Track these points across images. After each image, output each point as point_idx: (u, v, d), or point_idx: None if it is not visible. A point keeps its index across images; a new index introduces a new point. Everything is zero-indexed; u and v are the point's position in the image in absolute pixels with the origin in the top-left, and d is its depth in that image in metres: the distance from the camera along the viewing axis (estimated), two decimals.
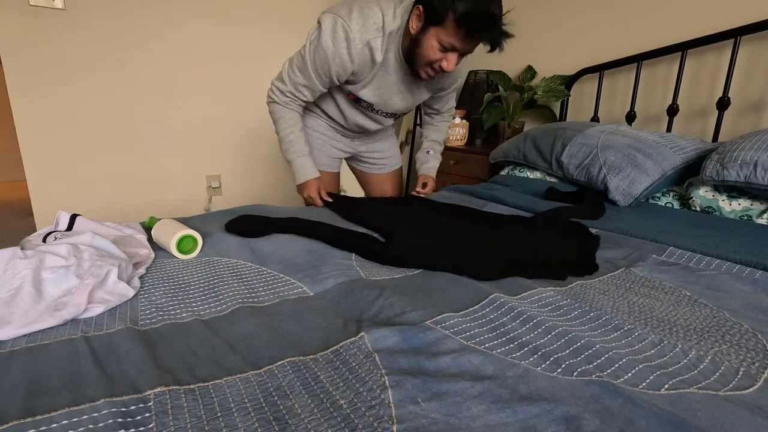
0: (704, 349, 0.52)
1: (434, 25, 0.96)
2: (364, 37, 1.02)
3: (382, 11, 1.02)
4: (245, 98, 2.33)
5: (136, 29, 1.95)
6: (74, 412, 0.38)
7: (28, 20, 1.72)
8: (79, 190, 1.97)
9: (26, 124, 1.80)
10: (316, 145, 1.36)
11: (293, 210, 1.17)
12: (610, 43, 1.81)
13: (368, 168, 1.53)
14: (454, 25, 0.93)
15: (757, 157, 1.07)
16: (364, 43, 1.03)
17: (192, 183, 2.29)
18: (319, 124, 1.35)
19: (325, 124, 1.35)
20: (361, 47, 1.03)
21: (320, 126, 1.35)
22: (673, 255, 0.87)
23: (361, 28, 1.01)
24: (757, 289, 0.71)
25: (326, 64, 1.06)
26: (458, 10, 0.91)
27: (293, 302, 0.63)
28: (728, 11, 1.46)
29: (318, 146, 1.36)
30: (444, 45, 0.97)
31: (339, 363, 0.47)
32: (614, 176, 1.31)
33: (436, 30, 0.96)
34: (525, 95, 1.99)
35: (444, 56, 1.00)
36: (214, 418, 0.39)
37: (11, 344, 0.49)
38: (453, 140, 2.23)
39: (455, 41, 0.96)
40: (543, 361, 0.48)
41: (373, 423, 0.38)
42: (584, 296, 0.68)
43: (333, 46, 1.03)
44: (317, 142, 1.36)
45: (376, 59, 1.06)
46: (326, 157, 1.39)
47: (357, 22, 1.01)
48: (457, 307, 0.61)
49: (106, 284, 0.60)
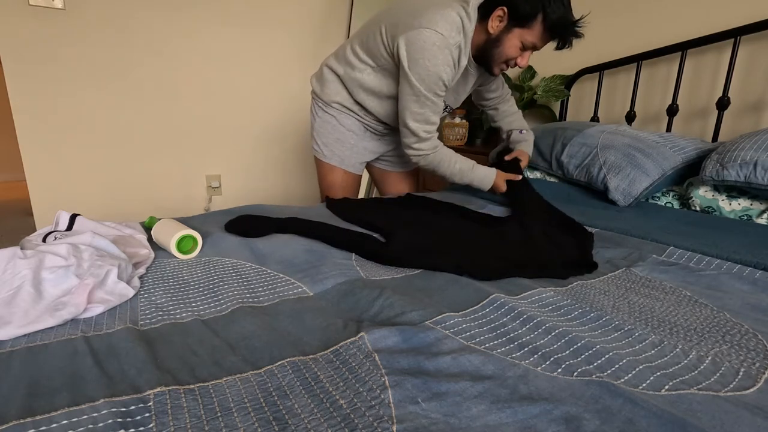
0: (704, 349, 0.52)
1: (520, 27, 1.02)
2: (456, 40, 1.04)
3: (459, 14, 1.04)
4: (245, 98, 2.33)
5: (136, 29, 1.95)
6: (74, 412, 0.38)
7: (28, 20, 1.72)
8: (79, 191, 1.97)
9: (26, 124, 1.79)
10: (348, 144, 1.36)
11: (293, 210, 1.17)
12: (610, 43, 1.81)
13: (390, 167, 1.53)
14: (541, 29, 1.01)
15: (757, 157, 1.07)
16: (456, 46, 1.05)
17: (192, 183, 2.29)
18: (354, 123, 1.35)
19: (359, 124, 1.35)
20: (455, 51, 1.06)
21: (354, 125, 1.35)
22: (673, 255, 0.87)
23: (449, 32, 1.02)
24: (757, 289, 0.71)
25: (440, 80, 1.07)
26: (550, 17, 0.99)
27: (293, 302, 0.63)
28: (728, 11, 1.46)
29: (350, 145, 1.37)
30: (526, 45, 1.05)
31: (339, 363, 0.47)
32: (614, 176, 1.31)
33: (521, 31, 1.02)
34: (525, 95, 1.99)
35: (521, 54, 1.07)
36: (214, 418, 0.38)
37: (11, 344, 0.49)
38: (453, 140, 2.23)
39: (539, 42, 1.04)
40: (543, 361, 0.48)
41: (373, 423, 0.38)
42: (584, 296, 0.68)
43: (437, 58, 1.03)
44: (350, 141, 1.36)
45: (462, 63, 1.09)
46: (355, 159, 1.40)
47: (445, 27, 1.02)
48: (457, 307, 0.61)
49: (106, 284, 0.60)
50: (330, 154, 1.38)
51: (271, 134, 2.46)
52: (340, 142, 1.36)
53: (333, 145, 1.37)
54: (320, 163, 1.42)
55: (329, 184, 1.42)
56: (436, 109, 1.13)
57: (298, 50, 2.40)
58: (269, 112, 2.42)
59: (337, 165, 1.39)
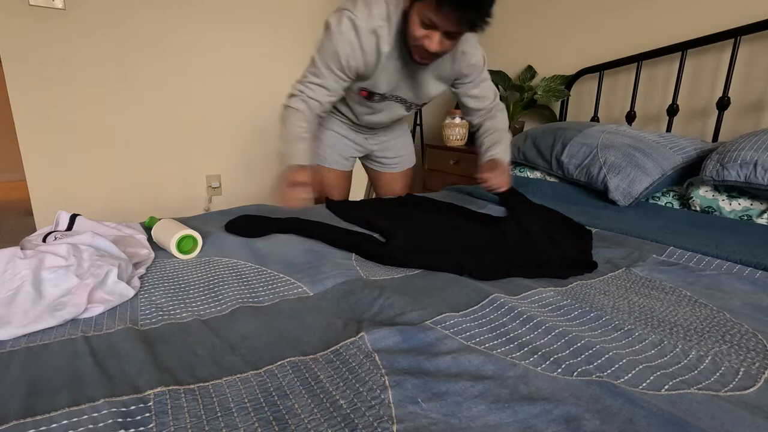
0: (704, 349, 0.52)
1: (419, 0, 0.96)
2: (370, 24, 1.03)
3: (386, 2, 1.03)
4: (245, 98, 2.33)
5: (136, 29, 1.95)
6: (74, 412, 0.38)
7: (28, 20, 1.72)
8: (79, 191, 1.97)
9: (26, 124, 1.79)
10: (329, 143, 1.37)
11: (293, 210, 1.17)
12: (610, 43, 1.81)
13: (380, 167, 1.53)
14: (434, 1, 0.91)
15: (757, 157, 1.07)
16: (370, 30, 1.03)
17: (192, 183, 2.29)
18: (333, 122, 1.36)
19: (338, 121, 1.36)
20: (368, 35, 1.04)
21: (334, 123, 1.36)
22: (673, 255, 0.87)
23: (366, 17, 1.02)
24: (757, 289, 0.71)
25: (336, 56, 1.06)
26: None
27: (293, 302, 0.63)
28: (728, 11, 1.46)
29: (331, 144, 1.37)
30: (424, 21, 0.96)
31: (339, 363, 0.47)
32: (614, 176, 1.31)
33: (419, 6, 0.95)
34: (525, 95, 1.99)
35: (426, 34, 0.98)
36: (214, 418, 0.38)
37: (11, 344, 0.49)
38: (453, 140, 2.23)
39: (433, 16, 0.94)
40: (543, 361, 0.48)
41: (373, 423, 0.38)
42: (584, 296, 0.68)
43: (341, 36, 1.03)
44: (331, 140, 1.37)
45: (382, 49, 1.06)
46: (339, 156, 1.39)
47: (362, 11, 1.02)
48: (457, 307, 0.61)
49: (106, 284, 0.60)
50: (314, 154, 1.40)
51: (271, 134, 2.46)
52: (320, 140, 1.38)
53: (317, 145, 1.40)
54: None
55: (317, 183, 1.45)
56: (321, 82, 1.11)
57: (299, 51, 2.40)
58: (269, 113, 2.42)
59: (322, 164, 1.42)
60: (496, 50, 2.26)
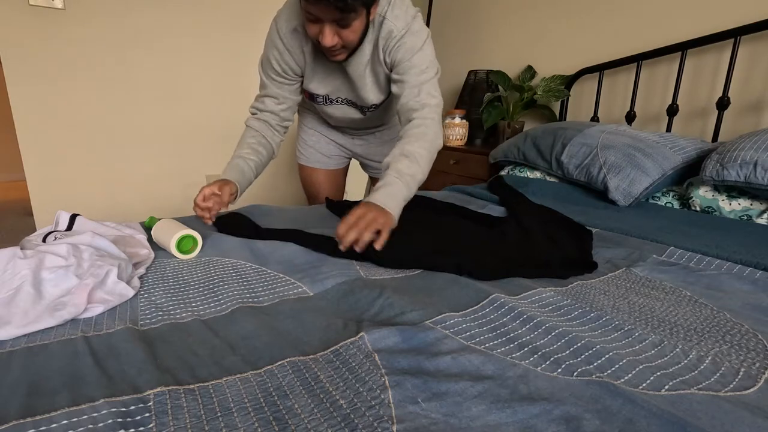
0: (705, 349, 0.52)
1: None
2: (291, 24, 1.03)
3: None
4: (245, 98, 2.32)
5: (136, 29, 1.95)
6: (74, 412, 0.38)
7: (28, 20, 1.72)
8: (79, 190, 1.97)
9: (26, 124, 1.79)
10: (310, 142, 1.40)
11: (293, 210, 1.17)
12: (610, 43, 1.81)
13: (372, 172, 1.53)
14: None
15: (757, 157, 1.07)
16: (291, 30, 1.03)
17: (192, 183, 2.28)
18: (313, 121, 1.38)
19: (319, 120, 1.37)
20: (290, 34, 1.04)
21: (314, 122, 1.38)
22: (673, 255, 0.87)
23: (287, 17, 1.03)
24: (757, 289, 0.71)
25: (269, 62, 1.08)
26: None
27: (293, 302, 0.63)
28: (728, 11, 1.46)
29: (312, 143, 1.39)
30: (308, 17, 0.90)
31: (339, 363, 0.47)
32: (614, 176, 1.31)
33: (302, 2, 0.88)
34: (525, 95, 1.99)
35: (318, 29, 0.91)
36: (214, 418, 0.38)
37: (11, 344, 0.49)
38: (453, 140, 2.23)
39: (310, 8, 0.86)
40: (543, 361, 0.48)
41: (373, 423, 0.38)
42: (584, 296, 0.68)
43: (269, 41, 1.06)
44: (311, 139, 1.39)
45: (305, 47, 1.06)
46: (319, 154, 1.41)
47: (284, 12, 1.04)
48: (457, 307, 0.61)
49: (106, 284, 0.60)
50: (299, 154, 1.45)
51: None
52: (303, 140, 1.41)
53: (300, 145, 1.43)
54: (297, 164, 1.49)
55: (303, 182, 1.50)
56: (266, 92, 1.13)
57: None
58: None
59: (305, 164, 1.45)
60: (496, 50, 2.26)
